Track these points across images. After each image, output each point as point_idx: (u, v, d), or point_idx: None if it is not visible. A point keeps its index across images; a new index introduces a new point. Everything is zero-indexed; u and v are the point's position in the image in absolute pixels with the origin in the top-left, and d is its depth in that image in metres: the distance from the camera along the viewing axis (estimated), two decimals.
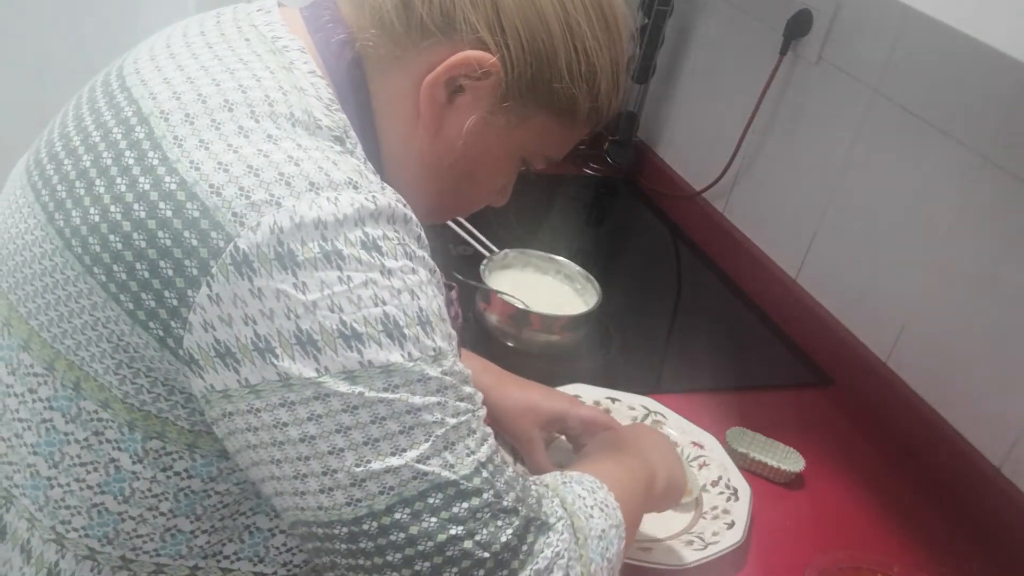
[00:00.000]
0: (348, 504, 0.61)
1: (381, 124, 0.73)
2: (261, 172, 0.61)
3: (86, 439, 0.67)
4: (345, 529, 0.62)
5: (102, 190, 0.63)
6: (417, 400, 0.61)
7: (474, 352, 1.07)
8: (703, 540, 1.00)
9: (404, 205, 0.65)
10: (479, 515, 0.63)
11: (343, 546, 0.63)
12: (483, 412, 0.67)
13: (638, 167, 1.88)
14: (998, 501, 1.15)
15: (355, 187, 0.62)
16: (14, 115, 2.45)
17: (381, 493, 0.61)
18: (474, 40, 0.69)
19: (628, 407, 1.19)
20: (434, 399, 0.62)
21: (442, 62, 0.69)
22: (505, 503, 0.64)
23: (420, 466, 0.61)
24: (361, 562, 0.63)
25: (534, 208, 1.68)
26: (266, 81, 0.66)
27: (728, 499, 1.07)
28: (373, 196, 0.62)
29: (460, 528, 0.62)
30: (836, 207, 1.44)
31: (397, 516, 0.61)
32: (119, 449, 0.67)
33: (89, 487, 0.68)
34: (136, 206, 0.61)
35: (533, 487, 0.69)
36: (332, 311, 0.59)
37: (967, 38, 0.76)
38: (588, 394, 1.19)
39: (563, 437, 1.09)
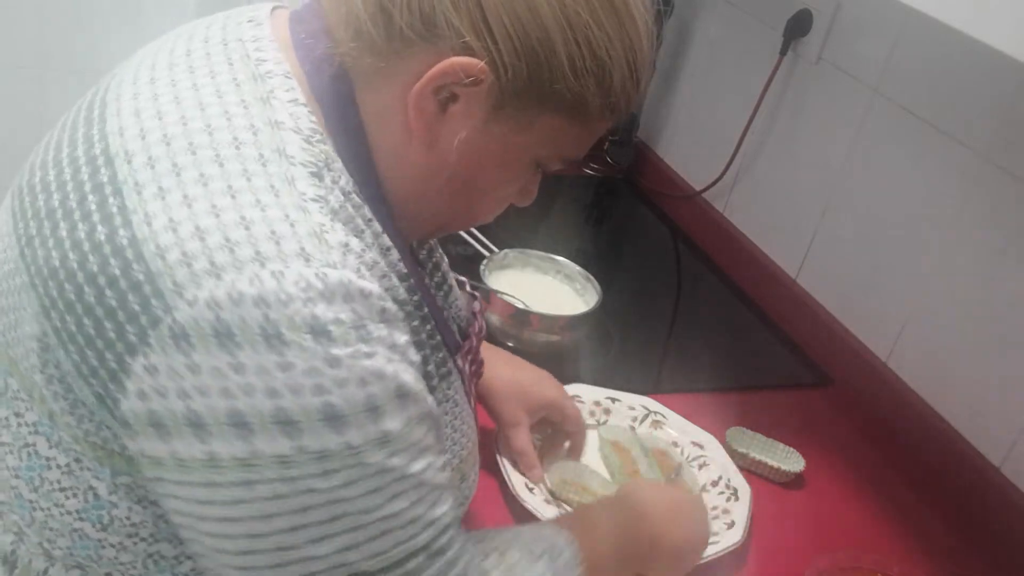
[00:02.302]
0: None
1: (374, 141, 0.68)
2: (207, 236, 0.57)
3: (67, 465, 0.65)
4: None
5: (64, 233, 0.61)
6: (349, 491, 0.59)
7: None
8: None
9: (365, 274, 0.61)
10: None
11: None
12: (437, 490, 0.65)
13: (638, 167, 1.88)
14: (998, 501, 1.15)
15: (306, 259, 0.57)
16: (14, 114, 2.45)
17: None
18: (459, 45, 0.63)
19: (628, 407, 1.19)
20: (370, 485, 0.60)
21: (428, 71, 0.64)
22: None
23: (345, 555, 0.60)
24: None
25: (534, 208, 1.68)
26: (237, 119, 0.62)
27: (728, 499, 1.07)
28: (324, 273, 0.57)
29: None
30: (836, 207, 1.44)
31: None
32: (97, 478, 0.65)
33: (68, 512, 0.66)
34: (91, 257, 0.59)
35: (472, 572, 0.67)
36: (269, 397, 0.56)
37: (967, 38, 0.76)
38: (588, 394, 1.19)
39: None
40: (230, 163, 0.60)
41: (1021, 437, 1.15)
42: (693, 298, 1.63)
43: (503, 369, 1.04)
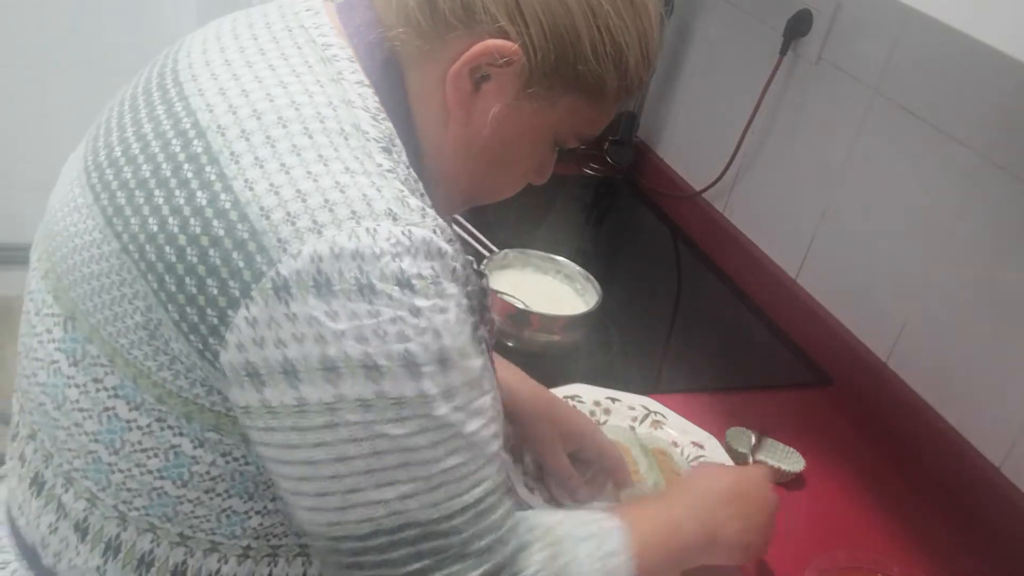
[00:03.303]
0: (334, 524, 0.66)
1: (418, 120, 0.75)
2: (308, 198, 0.63)
3: (148, 425, 0.70)
4: (326, 543, 0.68)
5: (160, 201, 0.66)
6: (416, 440, 0.65)
7: None
8: None
9: (440, 236, 0.66)
10: (444, 554, 0.67)
11: (323, 552, 0.69)
12: (488, 452, 0.69)
13: (638, 167, 1.88)
14: (998, 501, 1.15)
15: (394, 218, 0.64)
16: (15, 113, 2.45)
17: (363, 521, 0.66)
18: (495, 29, 0.70)
19: (628, 407, 1.19)
20: (435, 437, 0.65)
21: (466, 52, 0.71)
22: (476, 546, 0.68)
23: (405, 503, 0.65)
24: (334, 572, 0.69)
25: (534, 208, 1.68)
26: (317, 96, 0.68)
27: None
28: (410, 230, 0.64)
29: (427, 562, 0.67)
30: (836, 207, 1.44)
31: (373, 543, 0.66)
32: (181, 435, 0.70)
33: (149, 472, 0.71)
34: (193, 220, 0.64)
35: (517, 535, 0.71)
36: (358, 342, 0.62)
37: (967, 38, 0.76)
38: (588, 394, 1.19)
39: None
40: (318, 136, 0.66)
41: (1021, 437, 1.15)
42: (693, 298, 1.63)
43: (537, 396, 1.04)
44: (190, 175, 0.66)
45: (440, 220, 0.69)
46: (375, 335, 0.62)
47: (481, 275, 0.93)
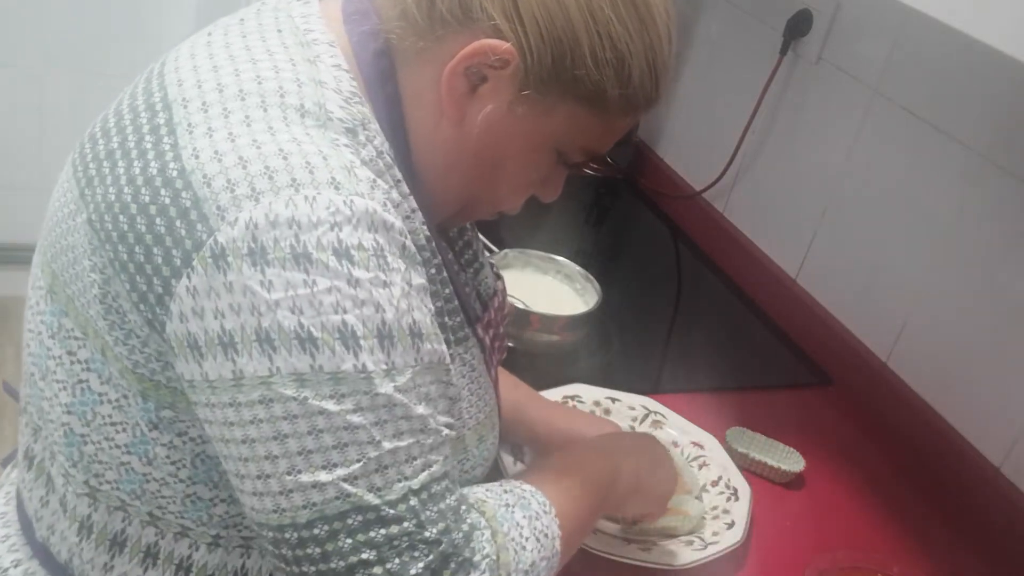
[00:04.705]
0: (275, 511, 0.64)
1: (409, 115, 0.74)
2: (249, 164, 0.63)
3: (117, 400, 0.70)
4: (271, 533, 0.65)
5: (121, 171, 0.67)
6: (356, 419, 0.62)
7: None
8: (703, 540, 1.00)
9: (387, 210, 0.65)
10: (395, 543, 0.63)
11: (269, 547, 0.66)
12: (436, 438, 0.67)
13: (638, 167, 1.88)
14: (998, 501, 1.15)
15: (336, 187, 0.63)
16: (15, 113, 2.45)
17: (304, 507, 0.63)
18: (490, 28, 0.69)
19: (628, 407, 1.19)
20: (375, 417, 0.63)
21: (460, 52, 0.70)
22: (427, 534, 0.64)
23: (345, 486, 0.63)
24: (282, 566, 0.66)
25: (534, 208, 1.68)
26: (285, 73, 0.68)
27: (728, 499, 1.07)
28: (351, 200, 0.62)
29: (372, 553, 0.63)
30: (836, 207, 1.44)
31: (315, 531, 0.63)
32: (140, 413, 0.70)
33: (117, 446, 0.71)
34: (144, 190, 0.64)
35: (468, 519, 0.68)
36: (292, 312, 0.60)
37: (967, 38, 0.76)
38: (588, 394, 1.19)
39: None
40: (273, 109, 0.66)
41: (1021, 437, 1.15)
42: (693, 298, 1.63)
43: (521, 398, 1.03)
44: (149, 146, 0.66)
45: (395, 194, 0.68)
46: (309, 305, 0.60)
47: (498, 276, 0.93)
